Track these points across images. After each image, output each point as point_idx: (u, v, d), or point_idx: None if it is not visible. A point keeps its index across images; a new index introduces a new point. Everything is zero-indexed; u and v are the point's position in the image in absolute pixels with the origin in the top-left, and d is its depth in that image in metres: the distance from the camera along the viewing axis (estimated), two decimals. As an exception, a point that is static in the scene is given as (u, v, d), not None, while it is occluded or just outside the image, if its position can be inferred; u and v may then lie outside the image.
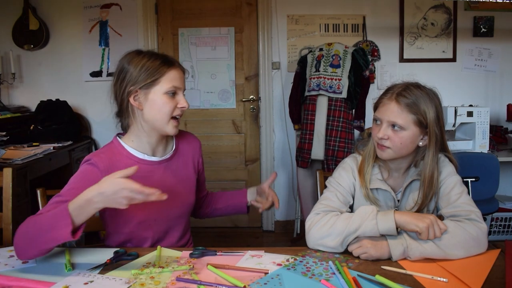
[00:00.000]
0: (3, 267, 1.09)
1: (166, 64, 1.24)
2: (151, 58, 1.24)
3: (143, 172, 1.27)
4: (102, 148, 1.31)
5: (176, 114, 1.26)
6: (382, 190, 1.33)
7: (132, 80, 1.23)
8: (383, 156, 1.28)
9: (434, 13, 3.27)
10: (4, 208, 1.40)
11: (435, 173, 1.27)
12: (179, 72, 1.27)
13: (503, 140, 3.04)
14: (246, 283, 0.98)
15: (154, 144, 1.31)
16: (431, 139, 1.25)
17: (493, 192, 2.36)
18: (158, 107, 1.23)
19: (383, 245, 1.12)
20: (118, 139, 1.31)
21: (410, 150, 1.27)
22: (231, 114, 3.42)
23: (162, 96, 1.23)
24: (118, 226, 1.30)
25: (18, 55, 3.30)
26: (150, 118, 1.25)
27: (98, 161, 1.21)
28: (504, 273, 1.02)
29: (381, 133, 1.25)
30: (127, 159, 1.27)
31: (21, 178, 2.24)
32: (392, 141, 1.24)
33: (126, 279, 1.01)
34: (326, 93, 2.79)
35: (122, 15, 3.30)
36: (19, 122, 3.01)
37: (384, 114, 1.26)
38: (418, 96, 1.24)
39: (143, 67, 1.22)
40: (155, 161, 1.32)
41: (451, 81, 3.29)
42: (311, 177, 3.00)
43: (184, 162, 1.39)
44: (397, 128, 1.23)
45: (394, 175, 1.35)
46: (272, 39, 3.29)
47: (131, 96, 1.24)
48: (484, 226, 1.15)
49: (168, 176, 1.33)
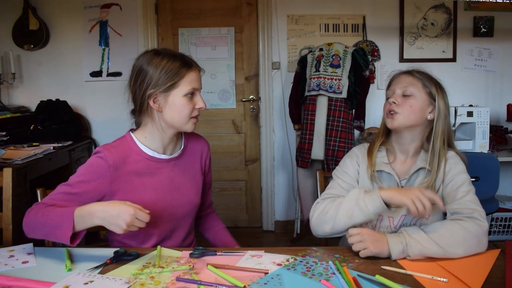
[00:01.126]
0: (3, 267, 1.09)
1: (185, 66, 1.25)
2: (170, 60, 1.24)
3: (152, 169, 1.30)
4: (114, 142, 1.31)
5: (195, 115, 1.29)
6: (386, 173, 1.34)
7: (152, 83, 1.23)
8: (393, 123, 1.30)
9: (434, 13, 3.27)
10: (4, 208, 1.40)
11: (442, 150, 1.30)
12: (197, 73, 1.29)
13: (503, 140, 3.04)
14: (246, 283, 0.98)
15: (166, 141, 1.33)
16: (440, 115, 1.31)
17: (493, 192, 2.36)
18: (178, 109, 1.25)
19: (383, 242, 1.12)
20: (131, 134, 1.32)
21: (418, 119, 1.31)
22: (231, 114, 3.42)
23: (181, 98, 1.25)
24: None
25: (18, 55, 3.30)
26: (169, 119, 1.27)
27: (108, 155, 1.23)
28: (504, 273, 1.02)
29: (392, 98, 1.31)
30: (137, 155, 1.29)
31: (21, 178, 2.24)
32: (402, 107, 1.30)
33: (126, 279, 1.01)
34: (326, 93, 2.79)
35: (122, 15, 3.30)
36: (19, 122, 3.01)
37: (398, 83, 1.34)
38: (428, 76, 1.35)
39: (163, 69, 1.22)
40: (164, 159, 1.33)
41: (451, 81, 3.24)
42: (311, 177, 3.00)
43: (192, 161, 1.41)
44: (408, 93, 1.30)
45: (401, 159, 1.36)
46: (272, 39, 3.29)
47: (151, 99, 1.24)
48: (485, 225, 1.15)
49: (176, 175, 1.34)
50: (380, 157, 1.37)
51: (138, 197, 1.26)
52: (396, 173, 1.34)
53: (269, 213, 3.46)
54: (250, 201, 3.49)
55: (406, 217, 1.30)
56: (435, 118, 1.31)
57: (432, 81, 1.34)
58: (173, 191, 1.33)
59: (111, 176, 1.23)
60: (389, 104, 1.32)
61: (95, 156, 1.25)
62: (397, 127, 1.31)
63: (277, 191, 3.46)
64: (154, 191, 1.29)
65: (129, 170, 1.27)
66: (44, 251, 1.20)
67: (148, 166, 1.29)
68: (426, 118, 1.32)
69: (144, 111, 1.28)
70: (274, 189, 3.45)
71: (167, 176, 1.32)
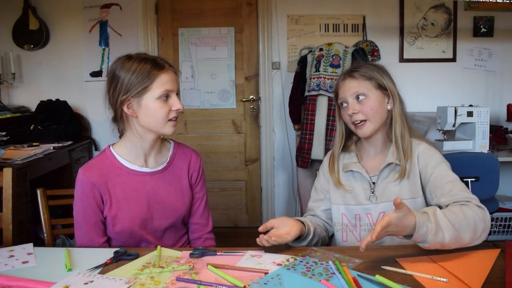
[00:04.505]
0: (3, 267, 1.09)
1: (156, 68, 1.22)
2: (140, 63, 1.22)
3: (134, 183, 1.29)
4: (94, 159, 1.32)
5: (172, 117, 1.26)
6: (357, 173, 1.35)
7: (123, 89, 1.22)
8: (365, 132, 1.30)
9: (434, 13, 3.27)
10: (4, 208, 1.40)
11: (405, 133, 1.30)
12: (170, 74, 1.25)
13: (503, 140, 3.04)
14: (246, 283, 0.98)
15: (147, 149, 1.31)
16: (394, 100, 1.30)
17: (493, 192, 2.35)
18: (152, 113, 1.23)
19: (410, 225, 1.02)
20: (111, 149, 1.32)
21: (383, 116, 1.31)
22: (231, 114, 3.42)
23: (155, 101, 1.22)
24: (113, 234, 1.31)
25: (18, 55, 3.30)
26: (145, 124, 1.25)
27: (89, 175, 1.26)
28: (504, 273, 1.02)
29: (350, 109, 1.29)
30: (118, 169, 1.29)
31: (21, 178, 2.24)
32: (363, 112, 1.29)
33: (126, 279, 1.00)
34: (326, 93, 2.79)
35: (122, 15, 3.30)
36: (19, 122, 3.01)
37: (345, 91, 1.31)
38: (368, 67, 1.33)
39: (133, 74, 1.21)
40: (147, 172, 1.31)
41: (451, 81, 3.29)
42: (311, 177, 2.99)
43: (178, 174, 1.37)
44: (362, 97, 1.29)
45: (370, 155, 1.37)
46: (272, 39, 3.29)
47: (124, 105, 1.23)
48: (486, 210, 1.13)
49: (160, 188, 1.32)
50: (349, 158, 1.39)
51: (123, 211, 1.27)
52: (366, 170, 1.34)
53: (269, 213, 3.46)
54: (250, 201, 3.49)
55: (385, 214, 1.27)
56: (393, 105, 1.31)
57: (370, 68, 1.32)
58: (157, 204, 1.32)
59: (98, 190, 1.26)
60: (349, 116, 1.30)
61: (78, 179, 1.28)
62: (369, 134, 1.31)
63: (277, 191, 3.46)
64: (138, 205, 1.29)
65: (112, 184, 1.27)
66: (44, 251, 1.20)
67: (130, 180, 1.29)
68: (387, 110, 1.32)
69: (120, 118, 1.27)
70: (274, 189, 3.45)
71: (150, 189, 1.31)
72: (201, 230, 1.43)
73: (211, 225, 1.46)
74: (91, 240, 1.28)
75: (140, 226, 1.30)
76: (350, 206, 1.35)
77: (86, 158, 3.22)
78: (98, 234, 1.29)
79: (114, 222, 1.28)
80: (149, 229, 1.32)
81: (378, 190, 1.32)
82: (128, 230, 1.28)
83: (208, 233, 1.45)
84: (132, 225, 1.28)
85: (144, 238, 1.31)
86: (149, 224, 1.31)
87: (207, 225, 1.45)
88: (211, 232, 1.46)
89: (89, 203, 1.26)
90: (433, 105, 2.72)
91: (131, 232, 1.29)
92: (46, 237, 1.47)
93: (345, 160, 1.39)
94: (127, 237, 1.30)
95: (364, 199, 1.33)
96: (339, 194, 1.37)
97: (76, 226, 1.30)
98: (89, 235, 1.28)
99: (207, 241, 1.44)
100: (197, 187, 1.42)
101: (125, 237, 1.30)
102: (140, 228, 1.30)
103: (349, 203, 1.35)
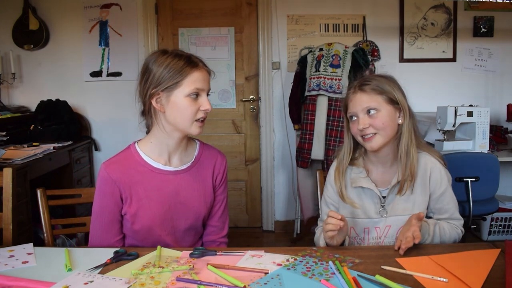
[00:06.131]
0: (3, 267, 1.09)
1: (189, 65, 1.21)
2: (174, 59, 1.21)
3: (157, 181, 1.28)
4: (117, 155, 1.30)
5: (199, 117, 1.23)
6: (367, 189, 1.34)
7: (154, 82, 1.21)
8: (373, 146, 1.28)
9: (434, 13, 3.27)
10: (4, 208, 1.40)
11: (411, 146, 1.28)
12: (203, 73, 1.23)
13: (503, 140, 3.04)
14: (246, 283, 0.98)
15: (172, 147, 1.29)
16: (405, 114, 1.28)
17: (493, 192, 2.36)
18: (180, 110, 1.21)
19: None
20: (135, 146, 1.30)
21: (393, 129, 1.29)
22: (231, 114, 3.42)
23: (184, 99, 1.20)
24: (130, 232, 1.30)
25: (18, 55, 3.30)
26: (172, 120, 1.23)
27: (110, 171, 1.25)
28: (504, 273, 1.02)
29: (361, 124, 1.27)
30: (141, 167, 1.27)
31: (21, 178, 2.24)
32: (374, 126, 1.26)
33: (126, 279, 1.00)
34: (326, 93, 2.79)
35: (122, 15, 3.30)
36: (19, 122, 3.01)
37: (356, 106, 1.28)
38: (379, 80, 1.29)
39: (166, 68, 1.20)
40: (171, 171, 1.29)
41: (451, 81, 3.29)
42: (311, 177, 3.00)
43: (202, 175, 1.34)
44: (373, 111, 1.26)
45: (380, 170, 1.35)
46: (272, 39, 3.29)
47: (153, 99, 1.22)
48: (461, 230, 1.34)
49: (183, 188, 1.30)
50: (357, 173, 1.36)
51: (143, 209, 1.26)
52: (375, 185, 1.33)
53: (269, 213, 3.46)
54: (250, 201, 3.49)
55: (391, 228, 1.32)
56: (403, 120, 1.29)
57: (381, 82, 1.28)
58: (179, 204, 1.30)
59: (118, 187, 1.25)
60: (360, 131, 1.28)
61: (99, 174, 1.27)
62: (377, 147, 1.28)
63: (277, 191, 3.46)
64: (159, 203, 1.27)
65: (134, 182, 1.26)
66: (44, 251, 1.20)
67: (153, 178, 1.27)
68: (398, 124, 1.30)
69: (148, 112, 1.26)
70: (274, 189, 3.45)
71: (173, 189, 1.29)
72: (217, 233, 1.41)
73: (227, 229, 1.43)
74: (104, 238, 1.27)
75: (159, 226, 1.28)
76: (359, 219, 1.35)
77: (86, 158, 3.22)
78: (113, 232, 1.28)
79: (134, 220, 1.26)
80: (169, 229, 1.30)
81: (388, 204, 1.33)
82: (147, 229, 1.27)
83: (223, 237, 1.43)
84: (152, 224, 1.27)
85: (162, 240, 1.29)
86: (169, 224, 1.30)
87: (223, 229, 1.42)
88: (225, 236, 1.43)
89: (108, 200, 1.26)
90: (433, 105, 2.72)
91: (149, 231, 1.27)
92: (46, 237, 1.47)
93: (353, 175, 1.36)
94: (144, 236, 1.28)
95: (373, 213, 1.33)
96: (348, 208, 1.36)
97: (92, 221, 1.29)
98: (104, 232, 1.27)
99: (221, 246, 1.41)
100: (220, 189, 1.40)
101: (143, 236, 1.28)
102: (159, 228, 1.28)
103: (358, 216, 1.35)
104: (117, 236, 1.29)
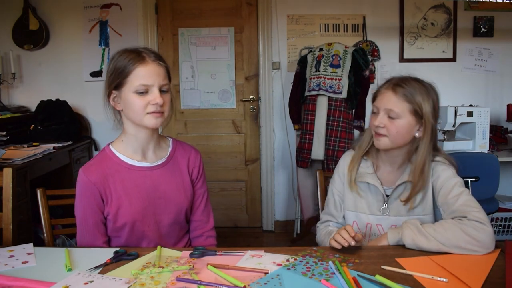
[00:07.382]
0: (3, 267, 1.09)
1: (134, 61, 1.20)
2: (122, 56, 1.22)
3: (134, 179, 1.29)
4: (93, 159, 1.32)
5: (151, 111, 1.21)
6: (372, 185, 1.35)
7: (108, 81, 1.24)
8: (380, 145, 1.29)
9: (434, 13, 3.27)
10: (4, 208, 1.40)
11: (426, 163, 1.27)
12: (150, 67, 1.20)
13: (503, 140, 3.04)
14: (246, 283, 0.98)
15: (143, 142, 1.30)
16: (426, 130, 1.27)
17: (493, 192, 2.36)
18: (130, 106, 1.22)
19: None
20: (109, 147, 1.33)
21: (406, 140, 1.28)
22: (231, 114, 3.42)
23: (131, 94, 1.21)
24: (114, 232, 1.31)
25: (18, 55, 3.30)
26: (128, 116, 1.26)
27: (89, 174, 1.26)
28: (504, 273, 1.02)
29: (377, 121, 1.28)
30: (118, 166, 1.29)
31: (21, 178, 2.24)
32: (388, 129, 1.26)
33: (126, 279, 1.00)
34: (326, 93, 2.79)
35: (122, 15, 3.30)
36: (19, 122, 3.01)
37: (381, 102, 1.29)
38: (415, 87, 1.27)
39: (115, 66, 1.22)
40: (147, 166, 1.31)
41: (451, 81, 3.29)
42: (311, 177, 3.00)
43: (179, 171, 1.37)
44: (393, 116, 1.25)
45: (387, 169, 1.36)
46: (272, 39, 3.29)
47: (110, 97, 1.25)
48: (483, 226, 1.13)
49: (161, 183, 1.32)
50: (365, 167, 1.37)
51: (124, 206, 1.27)
52: (381, 182, 1.34)
53: (269, 213, 3.46)
54: (250, 201, 3.49)
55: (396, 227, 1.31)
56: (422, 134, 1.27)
57: (417, 90, 1.26)
58: (158, 199, 1.31)
59: (98, 189, 1.26)
60: (374, 126, 1.29)
61: (79, 180, 1.28)
62: (383, 148, 1.31)
63: (277, 191, 3.46)
64: (139, 199, 1.29)
65: (112, 181, 1.28)
66: (44, 251, 1.20)
67: (130, 175, 1.29)
68: (414, 136, 1.29)
69: (114, 111, 1.30)
70: (274, 189, 3.45)
71: (151, 184, 1.31)
72: (202, 227, 1.42)
73: (212, 222, 1.45)
74: (91, 240, 1.28)
75: (142, 222, 1.29)
76: (362, 214, 1.36)
77: (86, 158, 3.22)
78: (98, 234, 1.29)
79: (116, 218, 1.27)
80: (152, 225, 1.31)
81: (391, 203, 1.33)
82: (129, 225, 1.28)
83: (209, 230, 1.44)
84: (134, 220, 1.28)
85: (146, 236, 1.31)
86: (152, 219, 1.31)
87: (208, 222, 1.43)
88: (212, 230, 1.44)
89: (89, 203, 1.27)
90: (433, 105, 2.71)
91: (132, 227, 1.28)
92: (46, 237, 1.47)
93: (361, 169, 1.37)
94: (128, 234, 1.29)
95: (376, 210, 1.34)
96: (352, 200, 1.37)
97: (77, 226, 1.30)
98: (90, 235, 1.28)
99: (208, 239, 1.42)
100: (198, 183, 1.42)
101: (126, 234, 1.29)
102: (142, 224, 1.29)
103: (361, 211, 1.36)
104: (103, 237, 1.31)
